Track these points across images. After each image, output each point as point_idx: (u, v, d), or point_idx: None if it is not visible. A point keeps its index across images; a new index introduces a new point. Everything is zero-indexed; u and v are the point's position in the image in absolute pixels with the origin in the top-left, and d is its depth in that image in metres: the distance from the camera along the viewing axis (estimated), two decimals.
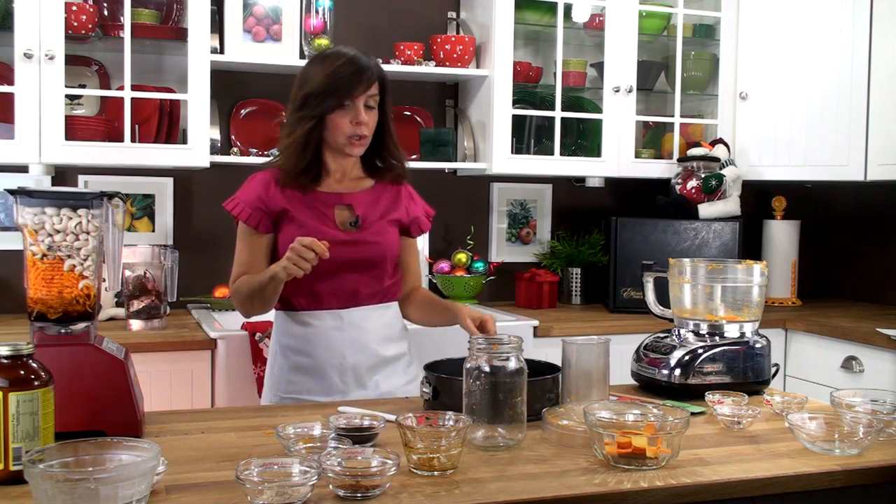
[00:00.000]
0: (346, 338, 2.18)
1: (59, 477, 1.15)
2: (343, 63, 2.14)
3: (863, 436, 1.56)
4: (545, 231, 3.91)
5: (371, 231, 2.22)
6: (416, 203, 2.35)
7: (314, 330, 2.18)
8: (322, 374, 2.17)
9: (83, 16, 3.03)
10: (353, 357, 2.17)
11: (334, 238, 2.11)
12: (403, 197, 2.32)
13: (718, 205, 3.57)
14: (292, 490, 1.24)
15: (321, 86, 2.13)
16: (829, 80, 3.57)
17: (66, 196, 1.54)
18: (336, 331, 2.18)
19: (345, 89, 2.12)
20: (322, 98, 2.13)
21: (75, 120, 3.02)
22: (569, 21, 3.60)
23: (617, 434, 1.45)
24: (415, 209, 2.33)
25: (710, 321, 2.02)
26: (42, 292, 1.53)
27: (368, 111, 2.16)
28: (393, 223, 2.27)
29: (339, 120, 2.14)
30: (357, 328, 2.18)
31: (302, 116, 2.15)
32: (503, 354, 1.58)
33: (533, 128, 3.75)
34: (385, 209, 2.27)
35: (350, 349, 2.17)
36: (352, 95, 2.12)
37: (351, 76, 2.13)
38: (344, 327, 2.18)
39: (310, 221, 2.17)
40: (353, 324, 2.19)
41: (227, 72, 3.33)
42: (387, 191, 2.29)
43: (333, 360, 2.17)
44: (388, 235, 2.25)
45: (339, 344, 2.17)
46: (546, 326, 3.19)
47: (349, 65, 2.14)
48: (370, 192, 2.26)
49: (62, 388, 1.42)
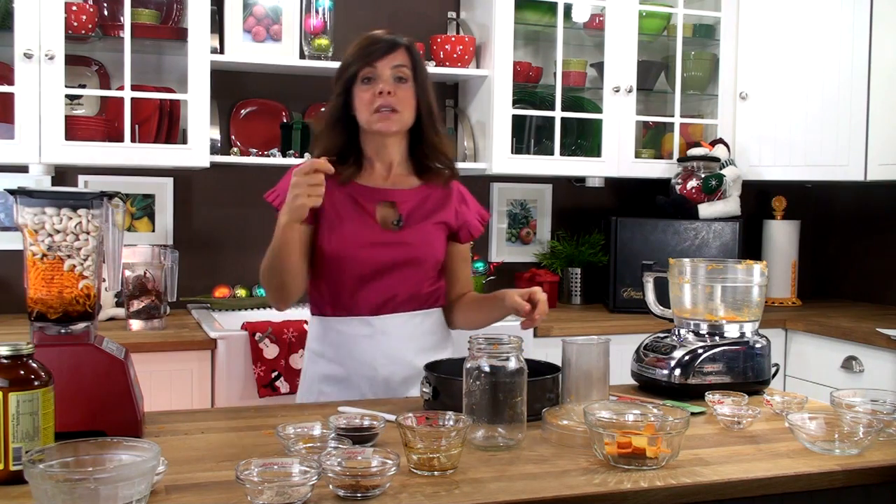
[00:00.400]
0: (377, 346, 2.04)
1: (59, 477, 1.15)
2: (371, 34, 2.05)
3: (863, 436, 1.56)
4: (545, 231, 3.91)
5: (414, 232, 2.07)
6: (468, 206, 2.19)
7: (344, 338, 2.05)
8: (352, 384, 2.05)
9: (83, 16, 3.03)
10: (385, 368, 2.04)
11: (372, 238, 2.02)
12: (454, 198, 2.16)
13: (718, 205, 3.57)
14: (292, 490, 1.24)
15: (346, 59, 2.04)
16: (829, 80, 3.57)
17: (66, 196, 1.54)
18: (367, 339, 2.04)
19: (364, 55, 2.00)
20: (346, 70, 2.03)
21: (75, 120, 3.02)
22: (569, 21, 3.60)
23: (617, 434, 1.45)
24: (466, 213, 2.17)
25: (710, 321, 2.02)
26: (42, 292, 1.53)
27: (398, 84, 2.01)
28: (440, 226, 2.12)
29: (363, 93, 2.01)
30: (390, 336, 2.04)
31: (332, 99, 2.06)
32: (503, 354, 1.58)
33: (533, 128, 3.75)
34: (432, 210, 2.11)
35: (382, 359, 2.04)
36: (372, 60, 1.99)
37: (373, 42, 2.02)
38: (375, 335, 2.04)
39: (348, 216, 2.04)
40: (385, 331, 2.04)
41: (227, 72, 3.33)
42: (435, 191, 2.13)
43: (364, 371, 2.04)
44: (433, 238, 2.10)
45: (370, 353, 2.04)
46: (546, 326, 3.18)
47: (374, 35, 2.05)
48: (417, 190, 2.11)
49: (62, 388, 1.42)
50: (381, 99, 1.99)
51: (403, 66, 2.02)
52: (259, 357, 2.83)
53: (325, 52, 3.33)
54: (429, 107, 2.08)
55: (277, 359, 2.85)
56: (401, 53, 2.02)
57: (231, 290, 3.37)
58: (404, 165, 2.12)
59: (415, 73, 2.03)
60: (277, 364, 2.85)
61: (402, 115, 2.02)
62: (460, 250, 2.20)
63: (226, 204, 3.48)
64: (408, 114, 2.03)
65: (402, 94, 2.01)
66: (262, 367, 2.83)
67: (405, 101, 2.01)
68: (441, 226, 2.12)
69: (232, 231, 3.50)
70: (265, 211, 3.50)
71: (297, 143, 3.31)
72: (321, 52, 3.32)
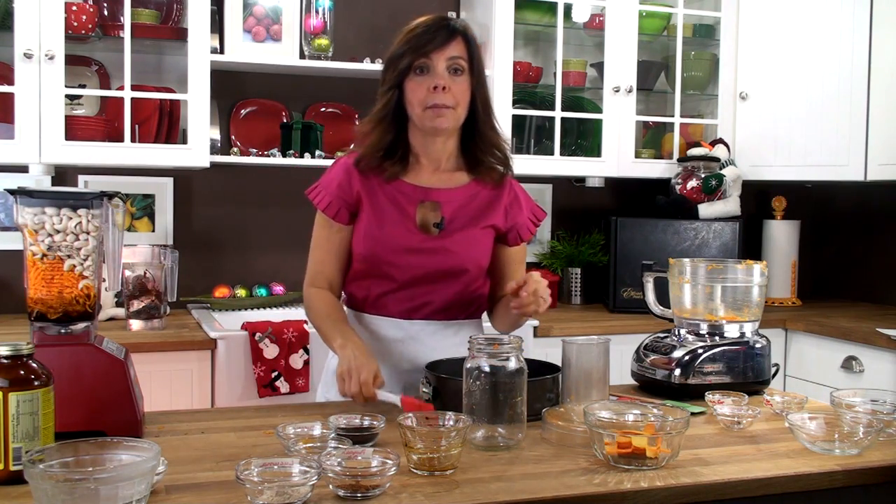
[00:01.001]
0: (405, 350, 1.94)
1: (59, 477, 1.15)
2: (422, 21, 1.90)
3: (863, 436, 1.56)
4: (545, 231, 3.91)
5: (456, 238, 1.93)
6: (520, 206, 2.02)
7: (373, 337, 1.95)
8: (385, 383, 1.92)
9: (83, 16, 3.03)
10: (409, 374, 1.93)
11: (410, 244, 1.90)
12: (505, 198, 2.00)
13: (718, 205, 3.57)
14: (292, 490, 1.24)
15: (397, 48, 1.89)
16: (829, 80, 3.57)
17: (66, 196, 1.54)
18: (397, 343, 1.94)
19: (417, 45, 1.85)
20: (397, 61, 1.88)
21: (75, 120, 3.02)
22: (569, 21, 3.60)
23: (617, 434, 1.45)
24: (518, 214, 2.01)
25: (710, 321, 2.02)
26: (42, 292, 1.53)
27: (453, 76, 1.87)
28: (487, 230, 1.97)
29: (415, 86, 1.86)
30: (421, 343, 1.93)
31: (383, 92, 1.91)
32: (503, 354, 1.58)
33: (533, 128, 3.75)
34: (479, 212, 1.96)
35: (407, 364, 1.93)
36: (425, 51, 1.84)
37: (425, 30, 1.87)
38: (405, 340, 1.94)
39: (388, 218, 1.91)
40: (416, 338, 1.93)
41: (227, 72, 3.33)
42: (485, 189, 1.98)
43: (388, 372, 1.90)
44: (477, 244, 1.96)
45: (397, 356, 1.94)
46: (546, 326, 3.18)
47: (428, 22, 1.89)
48: (465, 188, 1.97)
49: (62, 388, 1.42)
50: (436, 95, 1.85)
51: (460, 57, 1.87)
52: (259, 357, 2.83)
53: (325, 52, 3.33)
54: (485, 99, 1.94)
55: (277, 359, 2.85)
56: (458, 43, 1.87)
57: (231, 290, 3.37)
58: (455, 161, 1.98)
59: (471, 63, 1.89)
60: (277, 364, 2.85)
61: (456, 112, 1.89)
62: (509, 253, 2.03)
63: (226, 204, 3.48)
64: (462, 109, 1.89)
65: (457, 88, 1.87)
66: (262, 367, 2.83)
67: (459, 94, 1.87)
68: (488, 230, 1.98)
69: (232, 231, 3.50)
70: (265, 211, 3.53)
71: (297, 143, 3.31)
72: (321, 52, 3.32)
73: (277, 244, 3.50)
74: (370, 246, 1.93)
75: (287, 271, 3.48)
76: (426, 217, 1.93)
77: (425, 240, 1.92)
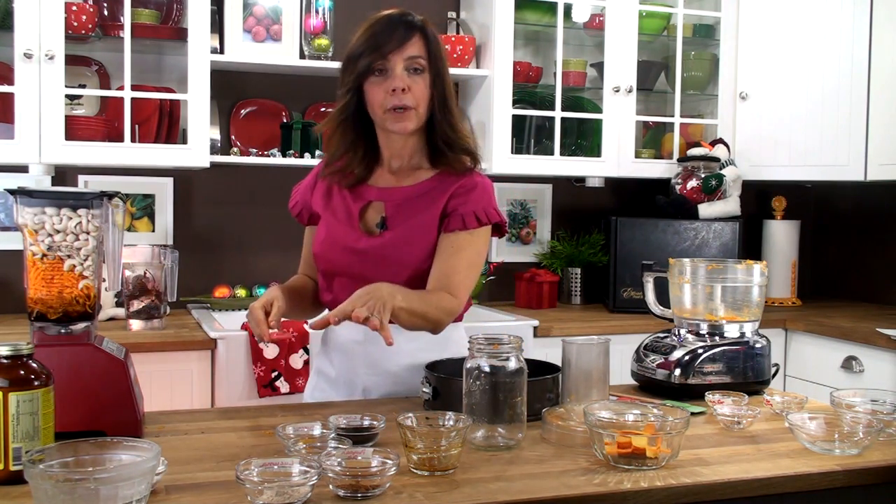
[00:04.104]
0: (364, 353, 1.92)
1: (59, 477, 1.15)
2: (379, 18, 1.85)
3: (863, 436, 1.56)
4: (545, 231, 3.91)
5: (397, 234, 1.88)
6: (470, 198, 1.89)
7: (338, 338, 1.96)
8: (338, 385, 1.97)
9: (83, 16, 3.03)
10: (368, 378, 1.93)
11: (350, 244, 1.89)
12: (458, 187, 1.89)
13: (718, 205, 3.57)
14: (292, 490, 1.24)
15: (354, 48, 1.84)
16: (829, 80, 3.57)
17: (66, 196, 1.54)
18: (356, 344, 1.92)
19: (374, 46, 1.81)
20: (355, 62, 1.83)
21: (75, 120, 3.02)
22: (569, 21, 3.60)
23: (617, 434, 1.45)
24: (463, 203, 1.88)
25: (710, 321, 2.02)
26: (42, 292, 1.53)
27: (413, 76, 1.82)
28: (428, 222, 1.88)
29: (375, 88, 1.82)
30: (379, 346, 1.77)
31: (342, 94, 1.87)
32: (503, 354, 1.58)
33: (533, 128, 3.75)
34: (425, 206, 1.89)
35: (366, 368, 1.92)
36: (383, 52, 1.80)
37: (382, 30, 1.82)
38: (365, 342, 1.90)
39: (337, 219, 1.93)
40: (373, 340, 1.83)
41: (227, 72, 3.33)
42: (444, 183, 1.90)
43: (347, 375, 1.94)
44: (419, 240, 1.88)
45: (356, 359, 1.93)
46: (546, 326, 3.19)
47: (385, 20, 1.84)
48: (421, 185, 1.91)
49: (62, 388, 1.42)
50: (395, 97, 1.81)
51: (419, 56, 1.83)
52: (259, 357, 2.83)
53: (325, 52, 3.33)
54: (443, 96, 1.87)
55: (277, 359, 2.85)
56: (416, 42, 1.83)
57: (231, 290, 3.37)
58: (419, 157, 1.94)
59: (430, 60, 1.85)
60: (277, 364, 2.85)
61: (418, 111, 1.84)
62: (441, 239, 1.88)
63: (226, 204, 3.48)
64: (423, 108, 1.85)
65: (417, 88, 1.82)
66: (262, 367, 2.83)
67: (420, 94, 1.83)
68: (430, 222, 1.88)
69: (232, 231, 3.50)
70: (265, 211, 3.53)
71: (297, 143, 3.31)
72: (321, 52, 3.32)
73: (277, 244, 3.50)
74: (320, 248, 1.98)
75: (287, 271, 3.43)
76: (369, 217, 1.93)
77: (367, 240, 1.90)
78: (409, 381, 1.91)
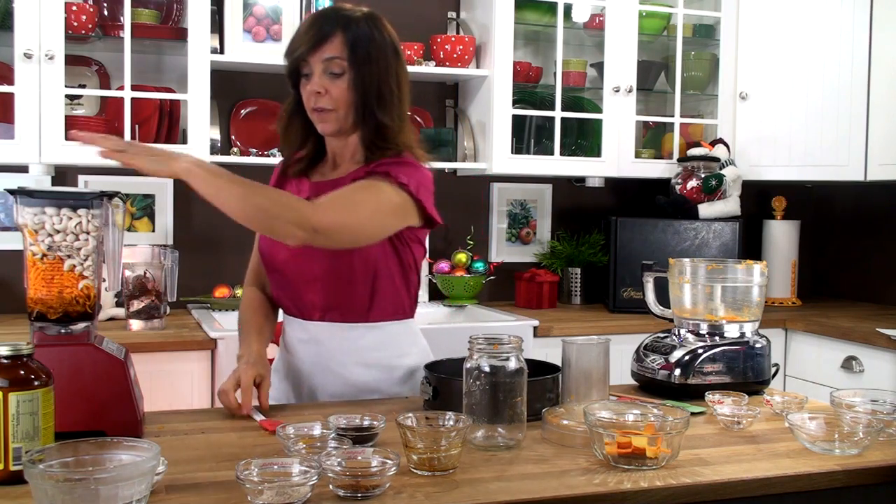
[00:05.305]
0: (311, 353, 1.91)
1: (59, 477, 1.15)
2: (309, 16, 1.84)
3: (863, 436, 1.56)
4: (545, 231, 3.91)
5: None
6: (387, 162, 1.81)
7: (287, 335, 1.96)
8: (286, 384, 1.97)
9: (83, 16, 3.03)
10: (314, 377, 1.91)
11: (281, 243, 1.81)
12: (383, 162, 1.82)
13: (718, 205, 3.58)
14: (292, 490, 1.24)
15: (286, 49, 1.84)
16: (829, 80, 3.57)
17: (66, 196, 1.54)
18: (303, 343, 1.92)
19: (292, 48, 1.81)
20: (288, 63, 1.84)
21: (75, 120, 3.02)
22: (569, 21, 3.60)
23: (617, 434, 1.45)
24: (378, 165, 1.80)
25: (710, 321, 2.02)
26: (42, 292, 1.53)
27: (332, 79, 1.79)
28: None
29: (303, 89, 1.82)
30: (323, 346, 1.88)
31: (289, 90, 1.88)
32: (503, 354, 1.58)
33: (533, 128, 3.75)
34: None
35: (313, 367, 1.91)
36: (300, 55, 1.78)
37: (305, 30, 1.80)
38: (309, 341, 1.90)
39: None
40: (318, 340, 1.88)
41: (227, 72, 3.33)
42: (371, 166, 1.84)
43: (295, 375, 1.94)
44: None
45: (304, 358, 1.92)
46: (546, 326, 3.19)
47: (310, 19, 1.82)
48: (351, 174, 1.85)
49: (62, 388, 1.42)
50: (314, 99, 1.80)
51: (336, 57, 1.78)
52: None
53: None
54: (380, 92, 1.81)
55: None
56: (334, 42, 1.77)
57: (231, 290, 3.37)
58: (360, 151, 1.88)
59: (352, 61, 1.78)
60: None
61: (338, 114, 1.81)
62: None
63: None
64: (343, 110, 1.81)
65: (335, 91, 1.79)
66: None
67: (339, 96, 1.79)
68: None
69: (232, 231, 3.46)
70: None
71: None
72: None
73: None
74: (260, 246, 2.01)
75: None
76: None
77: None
78: (359, 382, 1.90)
